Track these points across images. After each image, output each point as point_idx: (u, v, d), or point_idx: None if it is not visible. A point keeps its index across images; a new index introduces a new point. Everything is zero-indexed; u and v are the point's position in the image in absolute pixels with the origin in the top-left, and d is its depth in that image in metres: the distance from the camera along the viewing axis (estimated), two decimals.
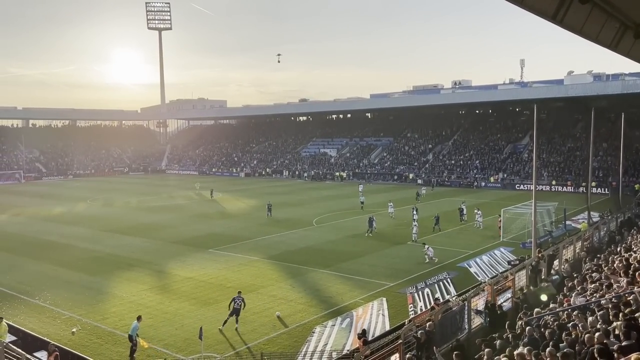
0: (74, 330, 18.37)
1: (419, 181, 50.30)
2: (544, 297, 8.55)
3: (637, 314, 9.51)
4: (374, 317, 19.76)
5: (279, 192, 62.49)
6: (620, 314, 9.68)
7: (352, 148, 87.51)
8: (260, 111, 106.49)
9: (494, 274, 23.13)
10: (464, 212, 39.95)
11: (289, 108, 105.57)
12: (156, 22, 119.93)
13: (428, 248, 28.15)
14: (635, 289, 11.63)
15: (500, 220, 34.25)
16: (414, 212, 37.55)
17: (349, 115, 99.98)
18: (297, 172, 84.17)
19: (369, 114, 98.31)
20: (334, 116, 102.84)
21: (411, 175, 72.23)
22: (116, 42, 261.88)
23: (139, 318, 16.82)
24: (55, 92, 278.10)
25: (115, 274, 26.28)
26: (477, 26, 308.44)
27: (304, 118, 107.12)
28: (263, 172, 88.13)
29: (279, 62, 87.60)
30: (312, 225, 39.23)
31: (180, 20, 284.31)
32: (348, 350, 15.69)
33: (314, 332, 18.28)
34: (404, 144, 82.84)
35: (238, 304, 18.87)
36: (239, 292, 19.57)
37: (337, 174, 78.52)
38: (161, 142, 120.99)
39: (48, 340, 16.10)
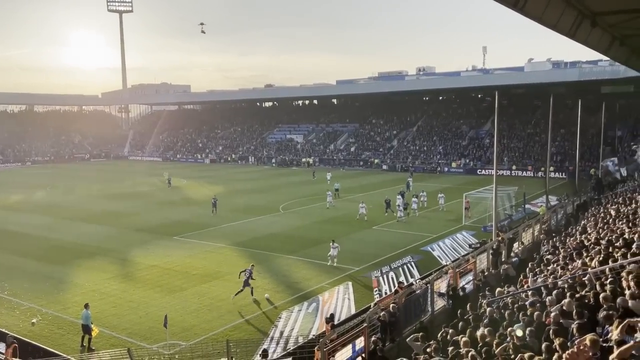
0: (34, 321, 17.92)
1: (409, 176, 49.08)
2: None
3: (590, 294, 9.92)
4: (340, 301, 19.99)
5: (245, 178, 62.07)
6: (573, 294, 10.08)
7: (319, 134, 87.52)
8: (225, 96, 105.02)
9: (457, 257, 23.68)
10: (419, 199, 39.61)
11: (254, 93, 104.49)
12: (116, 4, 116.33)
13: (334, 247, 24.97)
14: (589, 269, 12.12)
15: (467, 202, 34.95)
16: (399, 197, 37.92)
17: (315, 102, 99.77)
18: (263, 159, 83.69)
19: (335, 100, 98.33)
20: (300, 102, 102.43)
21: (376, 161, 72.85)
22: (75, 24, 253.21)
23: (86, 305, 16.52)
24: (9, 76, 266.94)
25: (77, 263, 25.69)
26: (441, 13, 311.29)
27: (270, 104, 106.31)
28: (229, 159, 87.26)
29: (202, 32, 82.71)
30: (278, 212, 39.19)
31: (142, 2, 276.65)
32: (314, 335, 15.86)
33: (280, 318, 18.39)
34: (369, 130, 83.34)
35: (247, 275, 20.09)
36: (252, 265, 21.15)
37: (304, 160, 78.49)
38: (123, 127, 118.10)
39: (6, 332, 15.66)
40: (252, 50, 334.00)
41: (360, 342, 12.19)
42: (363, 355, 12.12)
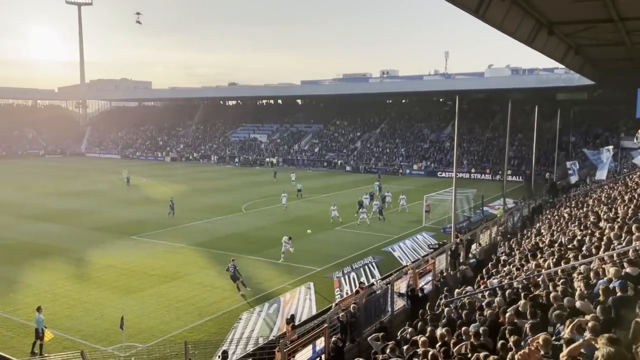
0: None
1: (376, 183, 48.27)
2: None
3: (543, 294, 10.23)
4: (301, 302, 19.97)
5: (207, 177, 61.28)
6: (527, 295, 10.38)
7: (283, 134, 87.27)
8: (187, 94, 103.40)
9: (417, 258, 24.02)
10: (383, 199, 40.24)
11: (218, 91, 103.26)
12: None
13: (287, 243, 25.25)
14: (543, 270, 12.50)
15: (428, 204, 35.49)
16: (367, 197, 38.30)
17: (279, 101, 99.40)
18: (225, 158, 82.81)
19: (299, 101, 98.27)
20: (264, 101, 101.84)
21: (340, 162, 73.20)
22: (31, 15, 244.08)
23: (39, 309, 15.90)
24: None
25: (29, 263, 24.78)
26: (405, 16, 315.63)
27: (234, 102, 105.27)
28: (190, 157, 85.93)
29: (138, 22, 79.03)
30: (241, 212, 38.86)
31: None
32: (274, 336, 15.79)
33: (240, 319, 18.22)
34: (333, 131, 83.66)
35: (231, 270, 20.70)
36: (233, 260, 21.46)
37: (268, 160, 78.10)
38: (81, 123, 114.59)
39: None
40: (216, 48, 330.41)
41: (320, 343, 12.20)
42: (323, 355, 12.14)
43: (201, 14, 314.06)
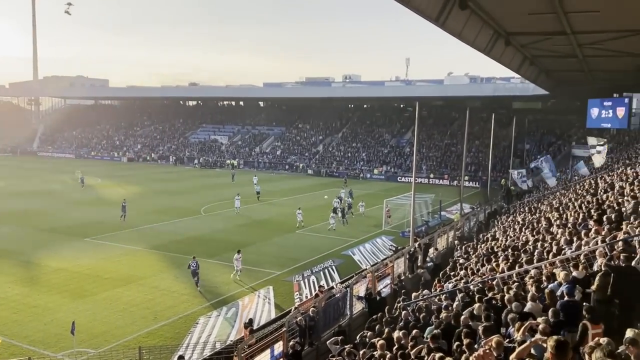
0: None
1: (343, 189, 46.60)
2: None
3: (497, 297, 10.48)
4: (260, 306, 19.81)
5: (165, 179, 60.07)
6: (482, 298, 10.61)
7: (244, 136, 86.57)
8: (146, 93, 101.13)
9: (376, 262, 24.23)
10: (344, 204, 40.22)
11: (178, 91, 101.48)
12: None
13: (237, 260, 23.33)
14: (497, 274, 12.82)
15: (389, 209, 35.84)
16: (337, 201, 38.33)
17: (241, 103, 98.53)
18: (184, 159, 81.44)
19: (261, 103, 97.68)
20: (225, 103, 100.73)
21: (301, 165, 73.19)
22: None
23: None
24: None
25: None
26: (368, 22, 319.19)
27: (194, 103, 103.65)
28: (148, 158, 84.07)
29: (67, 12, 73.78)
30: (199, 214, 38.27)
31: None
32: (232, 340, 15.59)
33: (197, 323, 17.90)
34: (295, 134, 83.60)
35: (193, 266, 21.46)
36: (194, 257, 22.21)
37: (228, 162, 77.28)
38: (33, 121, 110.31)
39: None
40: (177, 48, 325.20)
41: (279, 347, 12.13)
42: (282, 359, 12.06)
43: (161, 13, 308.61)
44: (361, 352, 9.84)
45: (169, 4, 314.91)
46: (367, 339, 11.26)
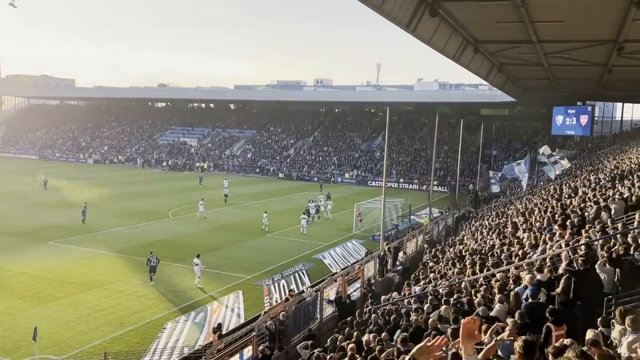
0: None
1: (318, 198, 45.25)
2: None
3: (465, 299, 10.63)
4: (229, 311, 19.61)
5: (132, 181, 58.95)
6: (450, 300, 10.76)
7: (214, 138, 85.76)
8: (114, 93, 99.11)
9: (346, 265, 24.29)
10: (319, 208, 40.40)
11: (146, 92, 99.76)
12: None
13: (197, 265, 22.70)
14: (465, 277, 13.01)
15: (359, 214, 36.00)
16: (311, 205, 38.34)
17: (211, 105, 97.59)
18: (152, 161, 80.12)
19: (232, 105, 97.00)
20: (195, 104, 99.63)
21: (272, 169, 72.95)
22: None
23: None
24: None
25: None
26: (340, 27, 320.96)
27: (163, 104, 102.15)
28: (115, 160, 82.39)
29: (12, 4, 70.03)
30: (168, 218, 37.69)
31: None
32: (200, 345, 15.38)
33: (165, 328, 17.59)
34: (267, 137, 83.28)
35: (154, 262, 22.06)
36: (151, 252, 22.83)
37: (198, 164, 76.41)
38: None
39: None
40: (146, 49, 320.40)
41: (248, 352, 12.02)
42: None
43: (131, 11, 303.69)
44: (328, 357, 9.84)
45: (138, 4, 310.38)
46: (337, 343, 11.26)
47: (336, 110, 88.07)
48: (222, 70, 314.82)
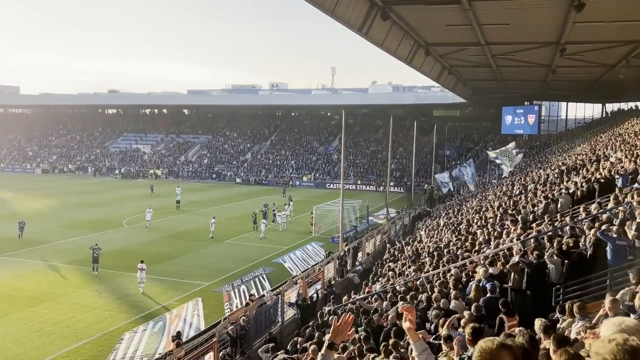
0: None
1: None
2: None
3: (422, 296, 10.88)
4: (189, 318, 19.31)
5: (84, 190, 57.05)
6: (407, 297, 10.98)
7: (168, 145, 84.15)
8: (61, 100, 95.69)
9: (306, 268, 24.35)
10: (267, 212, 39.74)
11: (96, 99, 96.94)
12: None
13: (140, 268, 22.44)
14: (422, 274, 13.31)
15: (312, 217, 36.14)
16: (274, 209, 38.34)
17: (164, 111, 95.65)
18: (103, 169, 77.83)
19: (186, 110, 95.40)
20: (147, 110, 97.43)
21: (229, 174, 72.26)
22: None
23: None
24: None
25: None
26: (294, 31, 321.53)
27: (115, 111, 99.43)
28: (64, 169, 79.58)
29: None
30: (122, 226, 36.71)
31: None
32: (160, 354, 15.08)
33: (122, 339, 17.14)
34: (222, 142, 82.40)
35: (97, 252, 23.86)
36: (96, 244, 24.73)
37: (152, 171, 74.78)
38: None
39: None
40: (95, 54, 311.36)
41: (209, 358, 11.88)
42: None
43: (78, 16, 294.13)
44: (293, 358, 9.86)
45: (86, 9, 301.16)
46: (298, 345, 11.29)
47: (292, 113, 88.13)
48: (175, 75, 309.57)
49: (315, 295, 17.90)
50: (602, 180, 14.65)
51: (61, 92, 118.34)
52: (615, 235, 9.02)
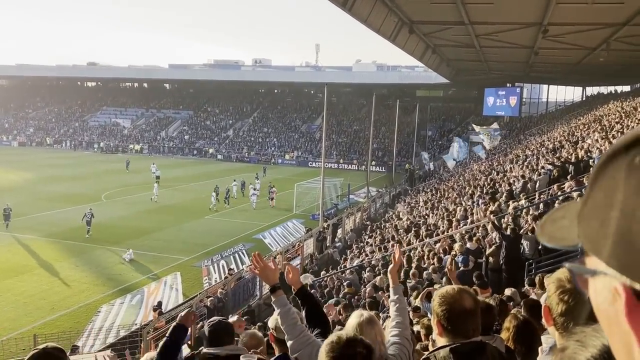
0: None
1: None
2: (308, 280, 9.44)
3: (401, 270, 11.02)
4: (167, 292, 19.31)
5: (62, 164, 56.09)
6: (386, 272, 11.13)
7: (149, 119, 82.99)
8: (39, 72, 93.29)
9: (286, 244, 24.44)
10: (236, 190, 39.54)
11: (75, 71, 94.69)
12: None
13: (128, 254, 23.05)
14: (404, 247, 13.46)
15: (272, 192, 36.21)
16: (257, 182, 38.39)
17: (145, 85, 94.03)
18: (83, 143, 76.59)
19: (167, 85, 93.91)
20: (128, 84, 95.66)
21: (211, 150, 71.68)
22: None
23: None
24: None
25: None
26: (278, 5, 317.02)
27: (94, 84, 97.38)
28: (43, 142, 78.10)
29: None
30: (100, 200, 36.29)
31: None
32: (137, 325, 15.08)
33: (99, 312, 17.08)
34: (204, 118, 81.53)
35: (89, 216, 25.09)
36: (90, 209, 25.97)
37: (131, 146, 73.82)
38: None
39: None
40: (73, 25, 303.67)
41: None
42: (189, 342, 11.86)
43: None
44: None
45: None
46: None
47: (275, 90, 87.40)
48: (156, 48, 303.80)
49: None
50: (579, 161, 14.88)
51: (39, 63, 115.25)
52: None
